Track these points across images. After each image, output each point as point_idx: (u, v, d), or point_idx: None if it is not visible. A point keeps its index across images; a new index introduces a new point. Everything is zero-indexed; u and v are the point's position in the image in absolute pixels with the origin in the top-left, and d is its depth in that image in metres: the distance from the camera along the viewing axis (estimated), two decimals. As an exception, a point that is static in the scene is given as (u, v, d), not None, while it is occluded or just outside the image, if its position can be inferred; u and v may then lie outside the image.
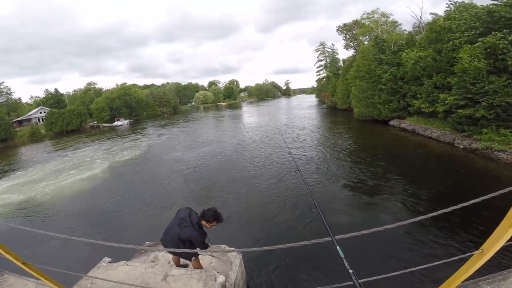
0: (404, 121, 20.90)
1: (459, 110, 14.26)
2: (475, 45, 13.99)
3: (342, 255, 1.39)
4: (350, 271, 1.30)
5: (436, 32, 18.07)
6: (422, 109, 18.84)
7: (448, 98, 15.14)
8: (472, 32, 14.83)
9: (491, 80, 12.85)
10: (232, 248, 3.74)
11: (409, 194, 9.24)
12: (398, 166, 12.43)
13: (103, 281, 3.40)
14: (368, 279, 1.53)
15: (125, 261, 4.06)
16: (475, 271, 1.41)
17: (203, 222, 3.65)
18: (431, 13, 21.90)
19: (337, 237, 1.53)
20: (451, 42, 16.06)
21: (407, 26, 32.90)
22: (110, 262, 4.01)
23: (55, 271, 2.29)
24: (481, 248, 1.33)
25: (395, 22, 32.22)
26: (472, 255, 1.39)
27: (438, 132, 16.25)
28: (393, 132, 20.38)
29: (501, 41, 12.78)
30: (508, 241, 1.24)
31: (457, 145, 14.23)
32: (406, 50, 21.67)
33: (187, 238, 3.52)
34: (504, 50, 12.80)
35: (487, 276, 2.04)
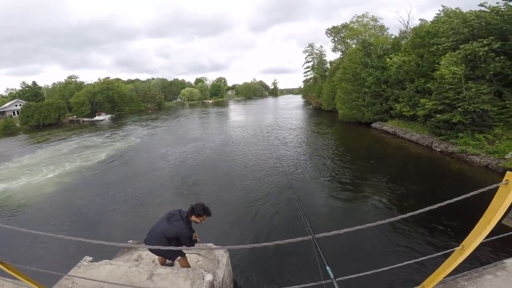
0: (386, 124, 21.57)
1: (437, 115, 14.91)
2: (456, 52, 14.63)
3: (332, 275, 1.37)
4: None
5: (421, 38, 18.75)
6: (403, 113, 19.53)
7: (427, 103, 15.78)
8: (457, 37, 15.32)
9: (469, 86, 13.51)
10: (219, 246, 3.72)
11: (389, 193, 9.61)
12: (379, 167, 12.84)
13: (85, 281, 3.29)
14: (350, 276, 1.56)
15: (107, 260, 3.95)
16: (457, 267, 1.49)
17: (193, 218, 3.63)
18: (420, 19, 22.63)
19: (317, 235, 1.54)
20: (435, 46, 16.65)
21: (394, 31, 34.06)
22: (91, 261, 3.89)
23: (34, 271, 2.20)
24: (461, 244, 1.41)
25: (383, 26, 33.23)
26: (453, 251, 1.47)
27: (418, 136, 16.92)
28: (375, 134, 21.00)
29: (480, 49, 13.41)
30: (486, 237, 1.33)
31: (435, 148, 14.89)
32: (390, 55, 22.36)
33: (174, 235, 3.47)
34: (487, 59, 13.39)
35: (465, 273, 2.17)
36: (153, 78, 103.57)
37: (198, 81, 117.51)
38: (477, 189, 1.31)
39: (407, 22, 27.25)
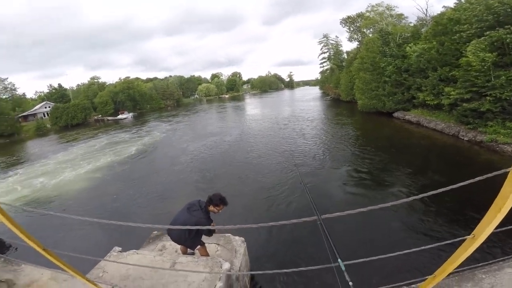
0: (409, 113, 20.76)
1: (464, 103, 14.13)
2: (481, 39, 13.72)
3: (343, 268, 1.42)
4: (350, 283, 1.36)
5: (442, 25, 17.76)
6: (427, 102, 18.68)
7: (452, 92, 15.01)
8: (481, 25, 14.31)
9: (498, 74, 12.65)
10: (230, 226, 3.88)
11: (410, 184, 9.39)
12: (401, 156, 12.49)
13: (114, 270, 3.56)
14: (355, 261, 1.58)
15: (134, 250, 4.21)
16: (469, 256, 1.48)
17: (211, 208, 3.78)
18: (444, 6, 21.30)
19: (323, 216, 1.58)
20: (458, 34, 15.74)
21: (412, 19, 32.35)
22: (120, 251, 4.17)
23: (71, 257, 2.38)
24: (472, 233, 1.40)
25: (401, 14, 31.67)
26: (465, 239, 1.46)
27: (443, 125, 16.14)
28: (397, 124, 20.30)
29: (508, 36, 12.49)
30: (498, 226, 1.31)
31: (462, 138, 14.16)
32: (410, 44, 21.37)
33: (194, 224, 3.65)
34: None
35: (482, 264, 2.12)
36: (170, 76, 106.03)
37: (214, 76, 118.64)
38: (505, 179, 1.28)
39: (426, 10, 25.99)
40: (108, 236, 7.69)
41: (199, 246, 4.00)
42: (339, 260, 1.48)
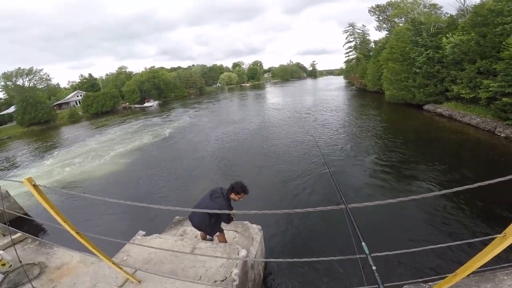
0: (441, 106, 19.49)
1: (504, 98, 13.00)
2: None
3: (367, 251, 1.40)
4: (374, 267, 1.34)
5: (482, 16, 16.26)
6: (461, 95, 17.42)
7: (492, 85, 13.89)
8: None
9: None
10: (256, 210, 3.98)
11: (439, 178, 8.98)
12: (430, 150, 11.90)
13: (138, 254, 3.78)
14: (384, 253, 1.56)
15: (157, 234, 4.44)
16: (496, 255, 1.41)
17: (232, 195, 3.86)
18: None
19: (350, 205, 1.58)
20: (501, 27, 14.37)
21: (449, 9, 29.87)
22: (144, 235, 4.41)
23: (98, 240, 2.49)
24: (504, 232, 1.33)
25: (435, 4, 29.36)
26: (494, 238, 1.39)
27: (478, 119, 15.00)
28: (427, 116, 19.21)
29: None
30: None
31: (498, 134, 13.11)
32: (447, 34, 19.81)
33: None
34: None
35: (506, 265, 2.00)
36: (193, 65, 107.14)
37: (236, 65, 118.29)
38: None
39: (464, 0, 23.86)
40: (133, 220, 8.17)
41: (218, 233, 4.14)
42: (363, 243, 1.44)
